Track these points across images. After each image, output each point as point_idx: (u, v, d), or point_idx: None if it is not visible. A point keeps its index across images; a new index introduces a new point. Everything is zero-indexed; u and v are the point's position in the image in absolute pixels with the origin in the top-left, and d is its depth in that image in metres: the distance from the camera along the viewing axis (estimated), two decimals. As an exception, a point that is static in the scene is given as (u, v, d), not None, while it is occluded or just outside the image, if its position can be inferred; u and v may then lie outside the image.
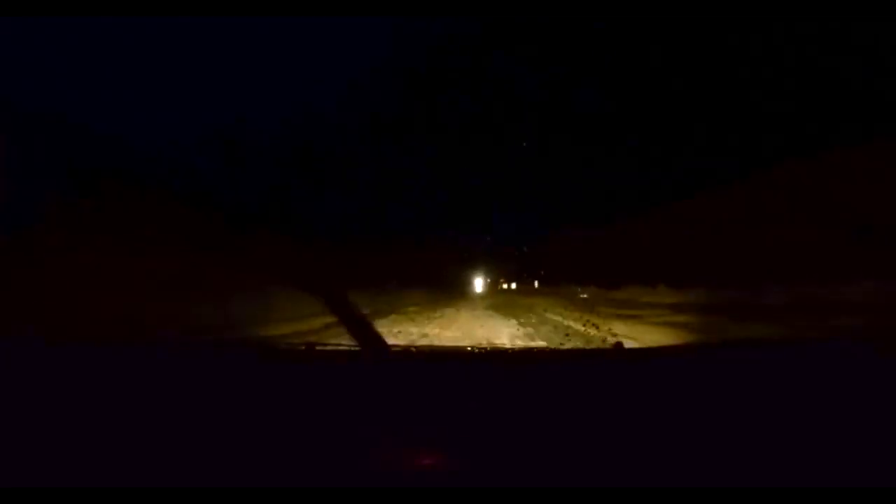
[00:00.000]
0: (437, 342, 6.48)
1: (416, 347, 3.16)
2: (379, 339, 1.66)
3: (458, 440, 1.13)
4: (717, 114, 9.78)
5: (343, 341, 1.67)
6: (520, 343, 6.26)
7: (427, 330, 7.93)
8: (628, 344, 2.14)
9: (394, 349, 1.82)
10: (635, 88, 10.29)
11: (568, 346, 5.70)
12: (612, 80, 10.29)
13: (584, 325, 7.58)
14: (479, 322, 9.22)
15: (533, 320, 9.23)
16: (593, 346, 5.62)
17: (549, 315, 10.04)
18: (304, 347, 1.73)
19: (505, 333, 7.30)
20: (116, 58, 8.93)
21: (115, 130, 9.78)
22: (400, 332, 7.33)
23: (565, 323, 8.18)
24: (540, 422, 1.19)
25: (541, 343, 6.32)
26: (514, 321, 9.07)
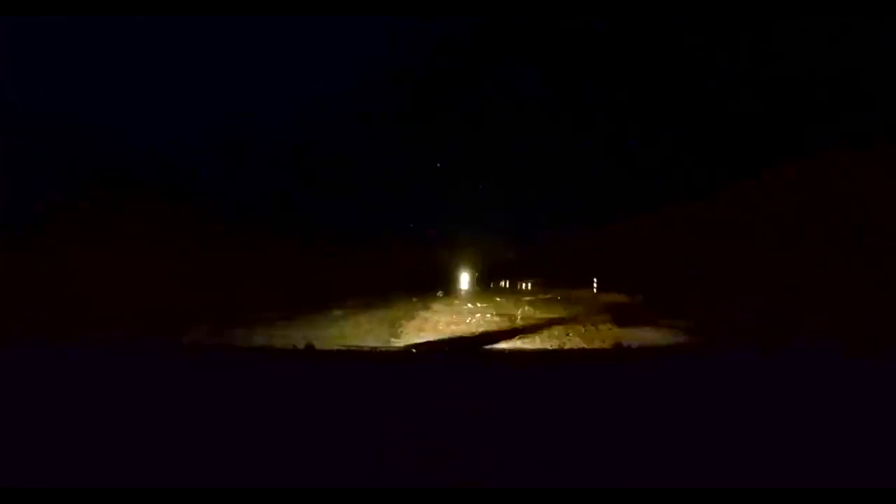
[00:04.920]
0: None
1: (416, 347, 3.16)
2: (379, 340, 1.66)
3: (458, 440, 1.13)
4: (717, 116, 9.79)
5: (343, 341, 1.67)
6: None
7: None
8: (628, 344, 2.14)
9: (394, 349, 1.82)
10: (635, 89, 10.28)
11: (568, 346, 5.69)
12: (613, 80, 10.28)
13: (585, 326, 7.56)
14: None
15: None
16: (593, 346, 5.61)
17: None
18: (304, 347, 1.74)
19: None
20: (116, 58, 8.91)
21: (115, 130, 9.77)
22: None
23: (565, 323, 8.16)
24: (540, 421, 1.19)
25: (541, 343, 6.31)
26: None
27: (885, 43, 6.51)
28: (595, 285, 15.93)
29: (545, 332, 6.98)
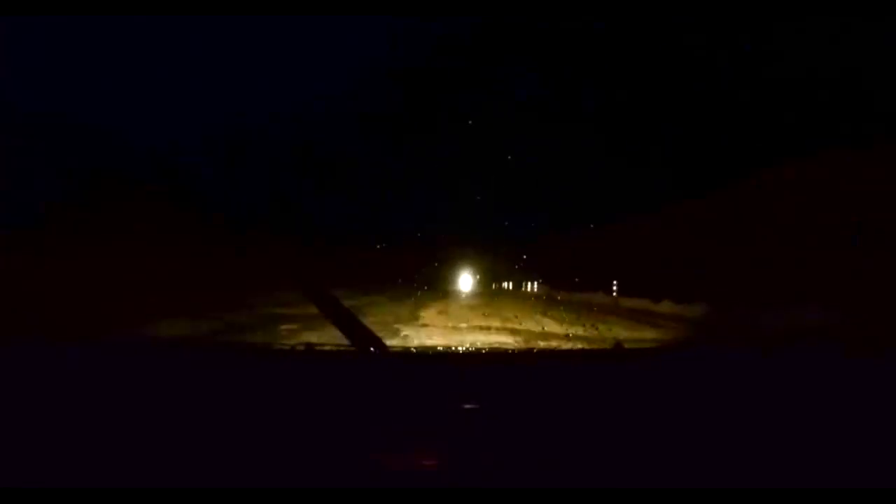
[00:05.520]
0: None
1: (415, 347, 3.16)
2: (378, 340, 1.66)
3: (457, 441, 1.13)
4: (717, 117, 9.80)
5: (343, 341, 1.67)
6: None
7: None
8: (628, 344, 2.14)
9: (393, 349, 1.82)
10: (635, 89, 10.29)
11: (568, 346, 5.69)
12: (613, 80, 10.29)
13: (584, 327, 7.56)
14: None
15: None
16: (593, 346, 5.61)
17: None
18: (303, 347, 1.73)
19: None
20: (116, 58, 8.92)
21: (115, 130, 9.77)
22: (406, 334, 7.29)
23: (565, 324, 8.16)
24: (540, 422, 1.19)
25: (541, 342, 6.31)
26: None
27: (885, 43, 6.51)
28: (615, 288, 14.37)
29: (545, 332, 6.98)
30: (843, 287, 6.69)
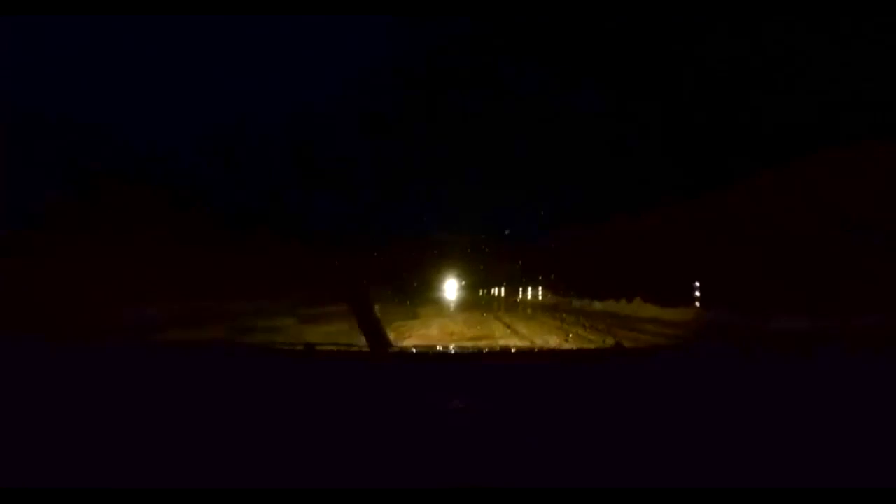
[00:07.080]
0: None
1: (416, 347, 3.16)
2: (379, 340, 1.66)
3: (458, 440, 1.13)
4: (716, 116, 9.80)
5: (343, 341, 1.67)
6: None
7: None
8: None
9: (394, 349, 1.82)
10: (635, 89, 10.29)
11: (567, 346, 5.69)
12: (613, 80, 10.29)
13: (584, 327, 7.57)
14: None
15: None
16: (593, 346, 5.61)
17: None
18: (303, 347, 1.73)
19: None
20: (116, 57, 8.92)
21: (115, 130, 9.78)
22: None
23: (565, 325, 8.17)
24: (540, 421, 1.19)
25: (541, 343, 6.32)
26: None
27: (886, 43, 6.52)
28: (697, 296, 10.34)
29: (545, 331, 6.98)
30: (842, 287, 6.69)
